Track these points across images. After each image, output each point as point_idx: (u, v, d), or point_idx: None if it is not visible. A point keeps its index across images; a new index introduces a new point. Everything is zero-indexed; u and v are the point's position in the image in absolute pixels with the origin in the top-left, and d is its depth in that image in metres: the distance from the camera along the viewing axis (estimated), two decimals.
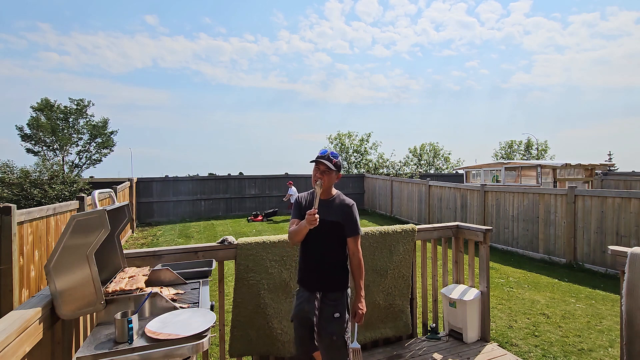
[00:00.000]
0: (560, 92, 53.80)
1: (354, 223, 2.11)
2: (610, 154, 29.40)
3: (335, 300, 2.08)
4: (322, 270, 2.13)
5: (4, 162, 11.17)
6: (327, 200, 2.15)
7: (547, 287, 5.68)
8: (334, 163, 2.11)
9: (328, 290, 2.10)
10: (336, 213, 2.10)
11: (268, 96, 59.69)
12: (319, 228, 2.06)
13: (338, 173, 2.16)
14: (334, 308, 2.06)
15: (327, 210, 2.10)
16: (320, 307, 2.07)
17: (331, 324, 2.04)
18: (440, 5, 50.70)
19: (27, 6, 32.93)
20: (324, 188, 2.12)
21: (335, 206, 2.13)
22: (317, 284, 2.12)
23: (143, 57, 41.75)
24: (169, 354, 1.42)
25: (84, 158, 20.64)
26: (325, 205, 2.12)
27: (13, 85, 32.55)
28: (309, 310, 2.08)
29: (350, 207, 2.13)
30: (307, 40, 50.22)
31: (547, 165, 10.90)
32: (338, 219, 2.09)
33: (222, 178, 14.96)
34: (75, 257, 1.55)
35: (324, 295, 2.09)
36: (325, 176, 2.10)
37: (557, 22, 48.44)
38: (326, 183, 2.11)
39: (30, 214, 3.54)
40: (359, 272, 2.12)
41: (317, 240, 2.12)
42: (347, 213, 2.11)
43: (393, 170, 22.23)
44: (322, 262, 2.13)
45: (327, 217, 2.08)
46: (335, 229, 2.09)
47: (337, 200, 2.16)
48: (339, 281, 2.13)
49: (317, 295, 2.09)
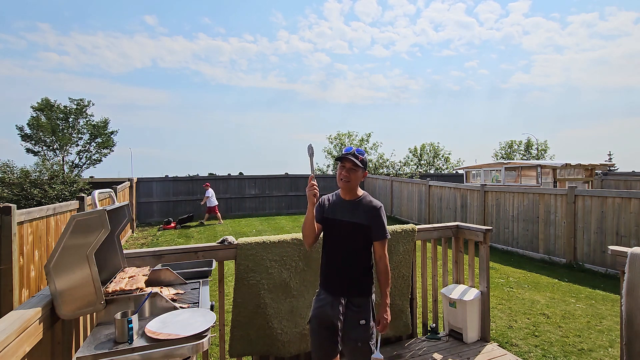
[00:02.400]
0: (559, 92, 53.85)
1: (381, 226, 2.00)
2: (610, 154, 29.42)
3: (360, 307, 1.99)
4: (346, 275, 2.03)
5: (4, 162, 11.17)
6: (353, 201, 2.06)
7: (547, 287, 5.68)
8: (360, 160, 2.01)
9: (353, 296, 2.01)
10: (363, 215, 2.00)
11: (267, 96, 59.70)
12: (344, 230, 2.02)
13: (364, 171, 2.06)
14: (359, 314, 1.98)
15: (353, 212, 2.02)
16: (345, 313, 1.99)
17: (356, 331, 1.96)
18: (439, 5, 50.72)
19: (26, 6, 32.94)
20: (353, 187, 2.04)
21: (361, 207, 2.02)
22: (341, 289, 2.02)
23: (142, 57, 41.78)
24: (169, 354, 1.42)
25: (84, 158, 20.63)
26: (351, 206, 2.04)
27: (13, 85, 32.56)
28: (333, 315, 1.98)
29: (378, 210, 2.02)
30: (306, 40, 50.23)
31: (547, 165, 10.90)
32: (364, 221, 1.99)
33: (222, 178, 14.96)
34: (75, 257, 1.55)
35: (348, 301, 2.00)
36: (351, 174, 2.00)
37: (556, 23, 48.47)
38: (353, 182, 2.02)
39: (30, 214, 3.54)
40: (386, 278, 2.00)
41: (342, 243, 2.04)
42: (376, 215, 2.00)
43: (393, 170, 22.23)
44: (347, 266, 2.03)
45: (353, 219, 2.00)
46: (361, 232, 2.00)
47: (364, 202, 2.05)
48: (364, 287, 2.03)
49: (342, 301, 2.00)
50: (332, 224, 2.06)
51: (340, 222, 2.04)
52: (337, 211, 2.06)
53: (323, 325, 2.01)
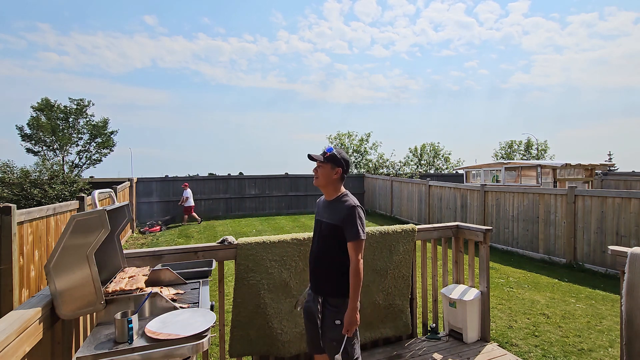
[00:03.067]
0: (559, 92, 53.77)
1: (352, 226, 1.94)
2: (610, 154, 29.34)
3: (336, 307, 2.00)
4: (318, 274, 2.08)
5: (4, 162, 11.16)
6: (332, 202, 2.07)
7: (547, 287, 5.68)
8: (326, 156, 2.02)
9: (328, 295, 2.04)
10: (337, 215, 1.99)
11: (267, 96, 59.65)
12: (322, 230, 2.05)
13: (336, 167, 2.03)
14: (335, 314, 1.99)
15: (331, 212, 2.03)
16: (322, 312, 2.04)
17: (332, 331, 1.99)
18: (439, 5, 50.68)
19: (26, 6, 32.84)
20: (321, 184, 2.06)
21: (337, 207, 2.02)
22: (318, 288, 2.09)
23: (142, 57, 41.70)
24: (169, 354, 1.42)
25: (84, 158, 20.61)
26: (329, 207, 2.06)
27: (13, 85, 32.48)
28: (316, 311, 2.07)
29: (350, 209, 1.96)
30: (306, 40, 50.19)
31: (547, 165, 10.90)
32: (338, 221, 1.98)
33: (222, 178, 14.95)
34: (75, 257, 1.55)
35: (325, 300, 2.04)
36: (318, 171, 2.05)
37: (556, 23, 48.38)
38: (321, 179, 2.04)
39: (30, 214, 3.54)
40: (354, 279, 1.92)
41: (320, 243, 2.08)
42: (347, 215, 1.96)
43: (393, 170, 22.22)
44: (319, 265, 2.08)
45: (328, 219, 2.02)
46: (334, 232, 1.99)
47: (340, 201, 2.03)
48: (337, 287, 2.01)
49: (319, 299, 2.06)
50: (316, 224, 2.17)
51: (320, 222, 2.11)
52: (320, 211, 2.15)
53: (309, 318, 2.13)
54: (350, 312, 1.93)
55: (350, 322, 1.93)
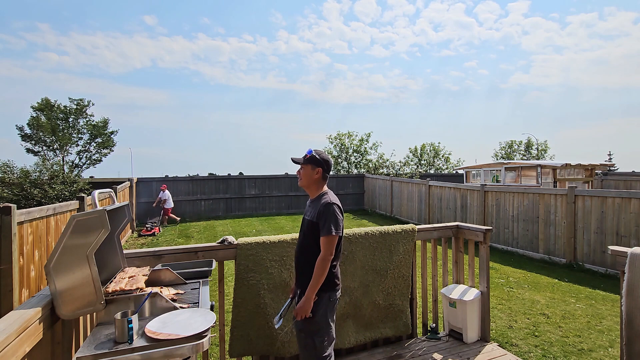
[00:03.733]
0: (559, 92, 53.79)
1: (325, 221, 2.01)
2: (610, 154, 29.35)
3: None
4: (298, 269, 2.19)
5: (4, 162, 11.18)
6: (313, 200, 2.19)
7: (547, 287, 5.68)
8: (306, 158, 2.13)
9: (305, 288, 2.09)
10: (314, 212, 2.10)
11: (267, 96, 59.69)
12: (304, 227, 2.18)
13: (316, 167, 2.13)
14: None
15: (311, 210, 2.15)
16: (297, 302, 2.12)
17: (300, 321, 2.06)
18: (439, 5, 50.71)
19: (25, 6, 32.88)
20: (304, 185, 2.17)
21: (316, 205, 2.12)
22: (298, 281, 2.18)
23: (142, 57, 41.72)
24: (169, 354, 1.42)
25: (84, 158, 20.62)
26: (312, 205, 2.18)
27: (13, 85, 32.49)
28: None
29: (325, 206, 2.04)
30: (305, 40, 50.20)
31: (547, 165, 10.90)
32: (314, 218, 2.08)
33: (222, 178, 14.95)
34: (75, 257, 1.55)
35: (301, 292, 2.11)
36: (301, 173, 2.17)
37: (555, 23, 48.41)
38: (304, 180, 2.16)
39: (30, 214, 3.54)
40: (317, 270, 1.98)
41: (301, 239, 2.21)
42: (322, 212, 2.04)
43: (393, 170, 22.22)
44: (299, 260, 2.18)
45: (308, 217, 2.15)
46: (312, 229, 2.08)
47: (320, 200, 2.12)
48: None
49: (298, 292, 2.16)
50: (302, 222, 2.28)
51: (303, 220, 2.23)
52: (306, 210, 2.25)
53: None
54: (304, 300, 2.00)
55: (300, 307, 2.00)
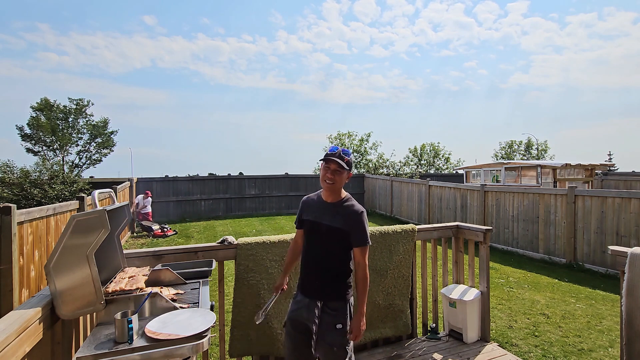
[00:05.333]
0: (558, 92, 53.74)
1: (361, 232, 1.93)
2: (611, 154, 29.35)
3: (336, 310, 1.96)
4: (322, 279, 2.01)
5: (4, 162, 11.19)
6: (335, 204, 2.00)
7: (547, 287, 5.68)
8: (346, 161, 1.95)
9: (329, 300, 1.98)
10: (342, 219, 1.94)
11: (267, 96, 59.62)
12: (321, 233, 1.99)
13: (349, 172, 2.01)
14: (335, 318, 1.95)
15: (334, 215, 1.97)
16: (320, 316, 1.96)
17: (331, 335, 1.93)
18: (438, 5, 50.61)
19: (25, 7, 32.91)
20: (337, 189, 1.99)
21: (342, 211, 1.96)
22: (317, 292, 2.00)
23: (141, 57, 41.66)
24: (169, 354, 1.42)
25: (84, 158, 20.64)
26: (332, 209, 1.99)
27: (13, 86, 32.53)
28: (308, 318, 1.97)
29: (359, 215, 1.95)
30: (305, 40, 50.13)
31: (547, 165, 10.90)
32: (344, 226, 1.93)
33: (222, 178, 14.95)
34: (75, 257, 1.55)
35: (324, 304, 1.98)
36: (336, 177, 1.94)
37: (555, 23, 48.31)
38: (338, 184, 1.97)
39: (30, 214, 3.54)
40: (363, 285, 1.92)
41: (320, 246, 2.01)
42: (355, 221, 1.93)
43: (393, 170, 22.22)
44: (323, 269, 2.01)
45: (330, 223, 1.96)
46: (339, 236, 1.95)
47: (346, 205, 1.98)
48: (340, 290, 1.99)
49: (318, 304, 1.98)
50: (312, 226, 2.04)
51: (320, 224, 2.00)
52: (317, 213, 2.03)
53: (298, 329, 2.00)
54: (359, 317, 1.90)
55: (358, 328, 1.90)
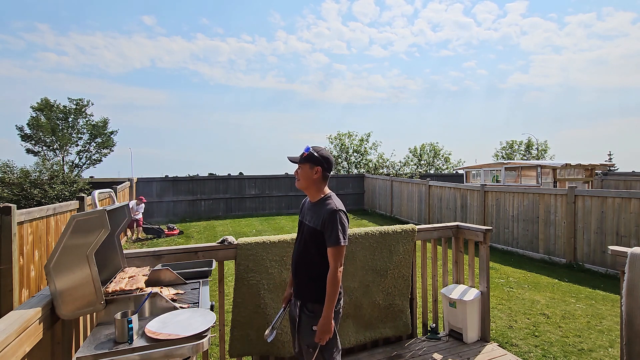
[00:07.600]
0: (557, 92, 53.71)
1: (332, 231, 1.84)
2: (611, 154, 29.39)
3: (313, 312, 1.92)
4: (297, 278, 2.02)
5: (4, 162, 11.17)
6: (315, 203, 1.98)
7: (547, 287, 5.68)
8: (304, 156, 1.92)
9: (307, 301, 1.96)
10: (318, 219, 1.90)
11: (266, 96, 59.58)
12: (304, 233, 1.99)
13: (315, 166, 1.92)
14: (311, 320, 1.91)
15: (313, 215, 1.95)
16: (299, 316, 1.97)
17: (308, 337, 1.91)
18: (437, 5, 50.58)
19: (25, 7, 32.91)
20: (303, 186, 1.97)
21: (319, 210, 1.92)
22: (297, 293, 2.03)
23: (141, 57, 41.63)
24: (169, 354, 1.42)
25: (84, 158, 20.65)
26: (313, 209, 1.97)
27: (12, 86, 32.55)
28: (295, 314, 2.02)
29: (331, 213, 1.85)
30: (304, 40, 50.07)
31: (547, 165, 10.90)
32: (318, 225, 1.89)
33: (222, 178, 14.95)
34: (75, 257, 1.55)
35: (302, 305, 1.97)
36: (299, 173, 1.96)
37: (554, 23, 48.26)
38: (302, 181, 1.95)
39: (30, 214, 3.54)
40: (331, 288, 1.83)
41: (300, 246, 2.02)
42: (328, 220, 1.85)
43: (393, 170, 22.23)
44: (298, 269, 2.01)
45: (309, 222, 1.96)
46: (314, 237, 1.91)
47: (323, 204, 1.93)
48: (315, 292, 1.91)
49: (297, 303, 2.00)
50: (298, 226, 2.10)
51: (302, 224, 2.05)
52: (305, 214, 2.06)
53: (291, 320, 2.12)
54: (324, 321, 1.84)
55: (323, 331, 1.84)
